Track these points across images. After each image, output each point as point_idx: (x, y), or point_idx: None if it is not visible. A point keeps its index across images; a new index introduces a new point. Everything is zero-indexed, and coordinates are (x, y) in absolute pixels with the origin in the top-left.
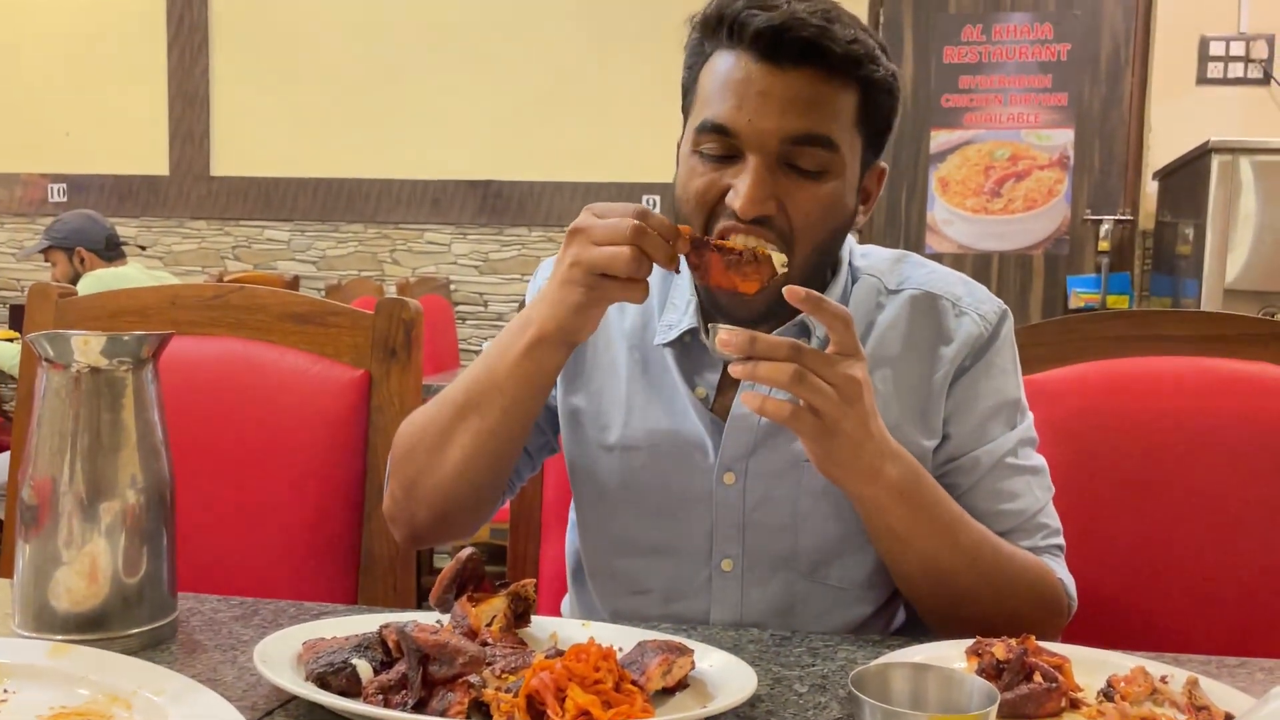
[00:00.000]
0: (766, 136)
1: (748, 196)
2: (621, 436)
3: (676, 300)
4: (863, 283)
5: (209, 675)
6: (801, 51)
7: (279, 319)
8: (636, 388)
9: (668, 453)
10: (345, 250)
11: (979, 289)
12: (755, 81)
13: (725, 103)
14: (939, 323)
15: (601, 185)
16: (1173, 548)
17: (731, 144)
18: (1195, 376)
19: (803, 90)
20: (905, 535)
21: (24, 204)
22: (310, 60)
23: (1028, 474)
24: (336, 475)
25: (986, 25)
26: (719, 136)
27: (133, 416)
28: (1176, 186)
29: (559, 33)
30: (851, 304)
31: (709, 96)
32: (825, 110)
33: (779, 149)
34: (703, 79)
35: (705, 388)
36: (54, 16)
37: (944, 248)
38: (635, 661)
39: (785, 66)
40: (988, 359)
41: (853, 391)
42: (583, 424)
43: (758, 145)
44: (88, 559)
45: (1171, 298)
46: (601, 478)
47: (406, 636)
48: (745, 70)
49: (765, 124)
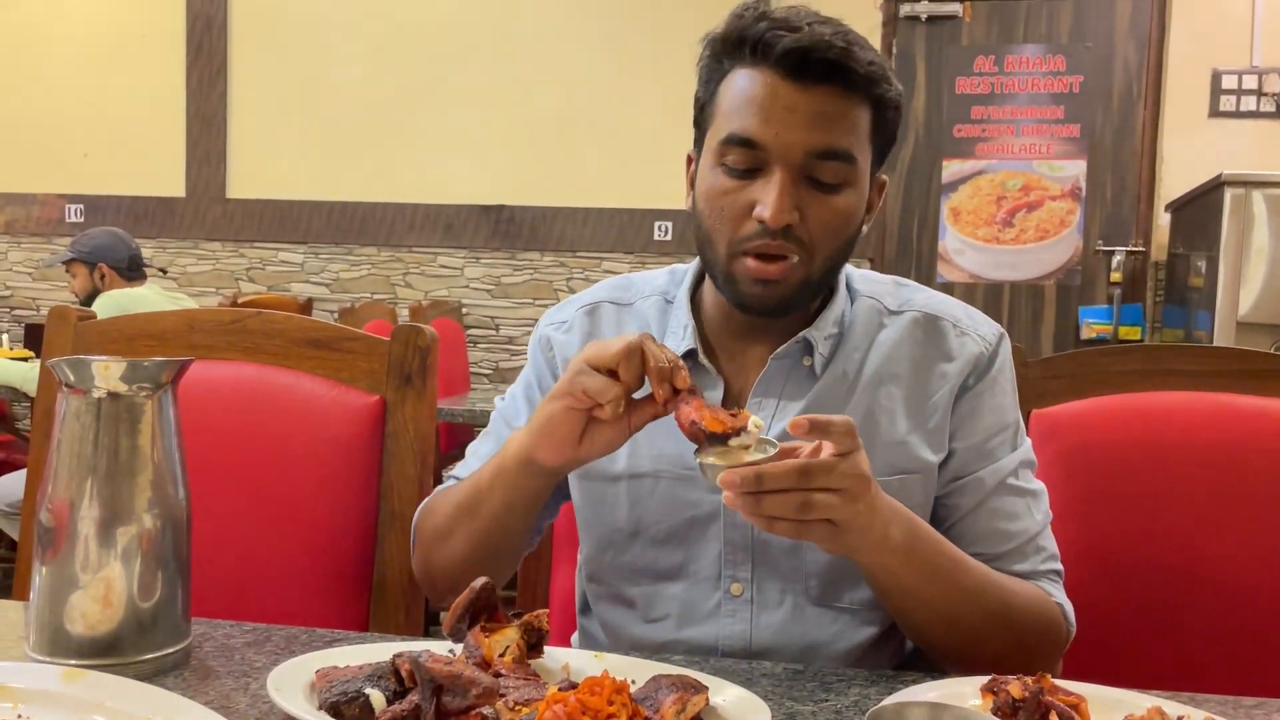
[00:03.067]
0: (792, 149)
1: (776, 206)
2: (628, 465)
3: (674, 328)
4: (863, 303)
5: (222, 702)
6: (825, 71)
7: (295, 344)
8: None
9: (675, 476)
10: (358, 273)
11: (976, 313)
12: (782, 97)
13: (752, 117)
14: (941, 342)
15: (614, 211)
16: (1186, 583)
17: (757, 156)
18: (1209, 411)
19: (826, 106)
20: (913, 589)
21: (41, 224)
22: (326, 85)
23: (1028, 496)
24: (350, 501)
25: (999, 56)
26: (745, 150)
27: (151, 442)
28: (1189, 219)
29: (573, 59)
30: (853, 322)
31: (732, 111)
32: (845, 125)
33: (802, 161)
34: (722, 94)
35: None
36: (74, 39)
37: (955, 277)
38: (649, 698)
39: (809, 84)
40: (990, 378)
41: (860, 487)
42: (594, 467)
43: (783, 157)
44: (103, 583)
45: (1184, 329)
46: (610, 508)
47: (420, 667)
48: (771, 87)
49: (791, 137)
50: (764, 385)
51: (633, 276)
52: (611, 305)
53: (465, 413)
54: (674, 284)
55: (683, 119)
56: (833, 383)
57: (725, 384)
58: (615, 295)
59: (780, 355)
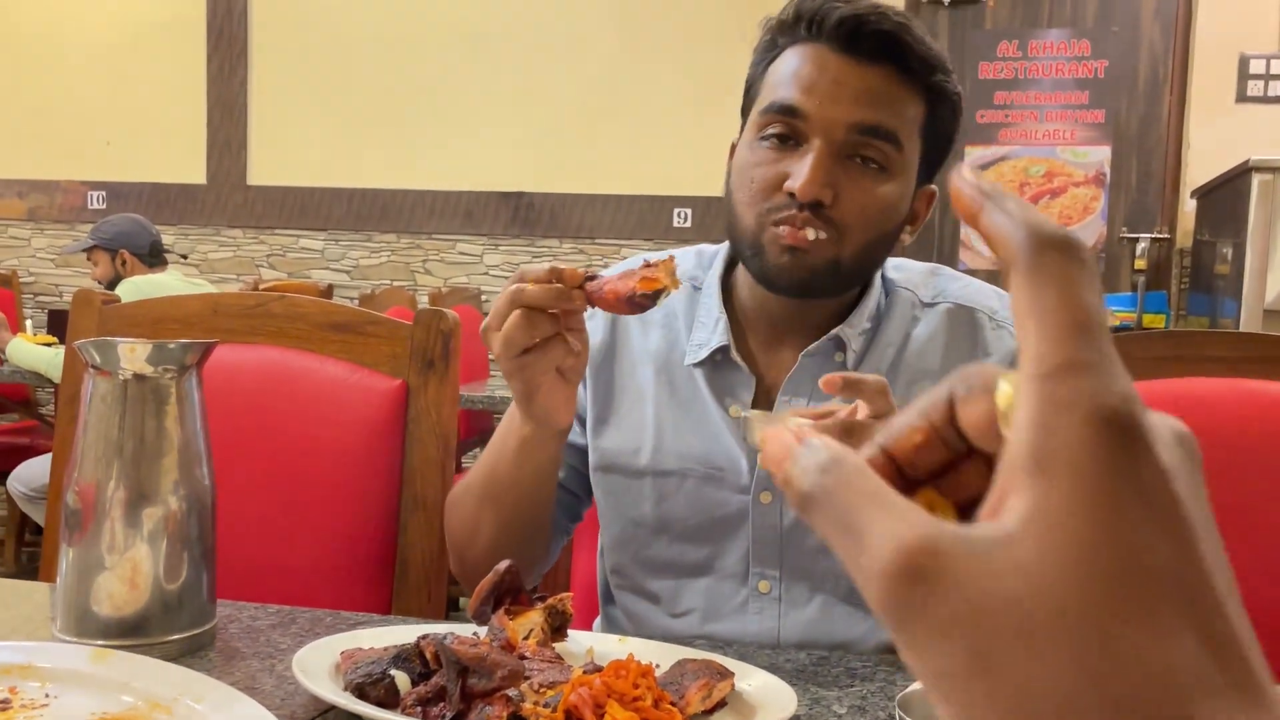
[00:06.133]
0: (834, 123)
1: (809, 178)
2: (652, 461)
3: (704, 319)
4: (897, 295)
5: (248, 683)
6: (880, 46)
7: (318, 328)
8: (665, 410)
9: (702, 475)
10: (378, 260)
11: None
12: (830, 70)
13: (797, 87)
14: (976, 336)
15: (634, 198)
16: None
17: (797, 126)
18: (1237, 398)
19: (876, 84)
20: None
21: (63, 210)
22: (346, 72)
23: None
24: (373, 485)
25: (1023, 41)
26: (785, 119)
27: (176, 424)
28: (1215, 205)
29: (593, 46)
30: (887, 316)
31: (777, 84)
32: (895, 107)
33: (844, 137)
34: (771, 72)
35: (740, 407)
36: (96, 27)
37: (978, 264)
38: (674, 683)
39: (862, 60)
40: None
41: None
42: (614, 458)
43: (824, 130)
44: (129, 564)
45: (1209, 317)
46: (633, 502)
47: (445, 649)
48: (821, 59)
49: (835, 110)
50: (794, 383)
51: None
52: None
53: (484, 399)
54: (702, 267)
55: (703, 105)
56: None
57: (757, 380)
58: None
59: (811, 352)
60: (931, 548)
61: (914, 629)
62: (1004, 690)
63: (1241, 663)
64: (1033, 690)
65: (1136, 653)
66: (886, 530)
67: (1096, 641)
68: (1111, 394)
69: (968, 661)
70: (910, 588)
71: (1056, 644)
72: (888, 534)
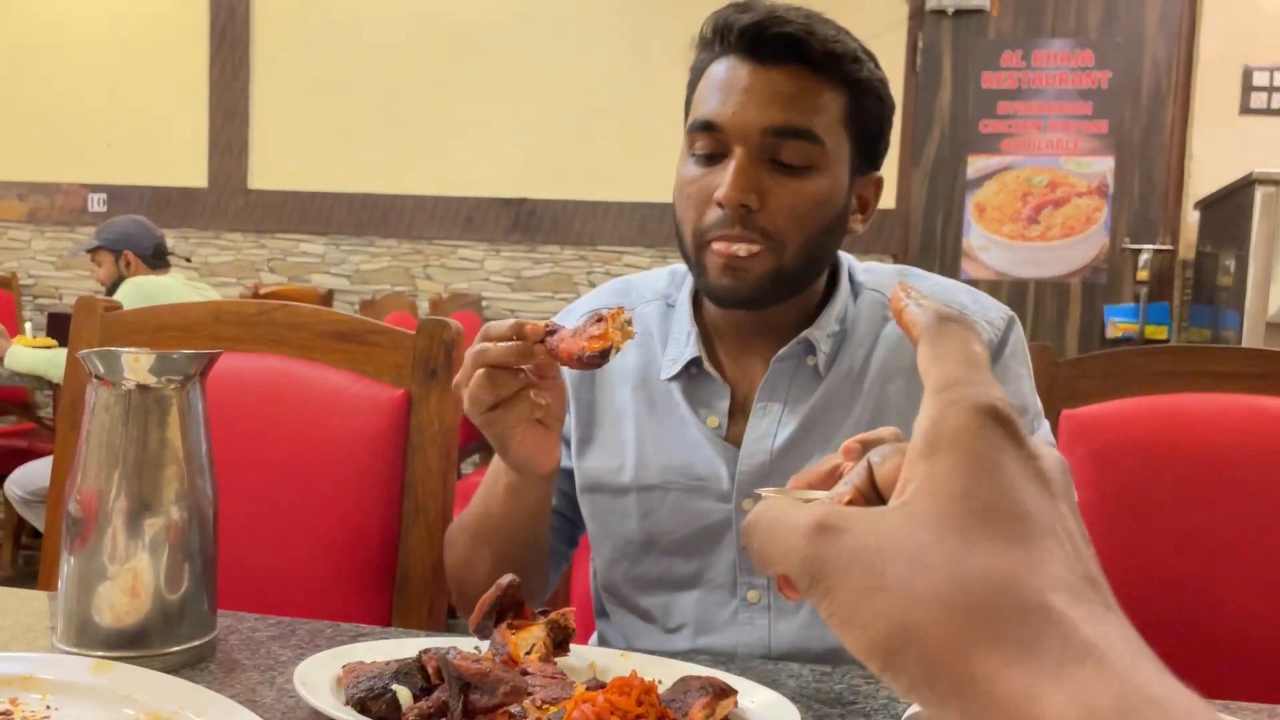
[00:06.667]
0: (749, 129)
1: (731, 184)
2: (635, 477)
3: (677, 334)
4: (866, 297)
5: (248, 696)
6: (785, 48)
7: (321, 337)
8: (646, 426)
9: (684, 487)
10: (379, 265)
11: (985, 298)
12: (740, 79)
13: (713, 101)
14: None
15: (634, 205)
16: (1217, 586)
17: (718, 140)
18: (1242, 414)
19: (785, 85)
20: None
21: (64, 213)
22: (348, 77)
23: None
24: (374, 495)
25: (1026, 51)
26: (707, 134)
27: (179, 434)
28: (1218, 217)
29: (594, 53)
30: (857, 318)
31: (699, 100)
32: (808, 105)
33: (761, 141)
34: (698, 89)
35: (717, 416)
36: (98, 29)
37: (980, 274)
38: (677, 700)
39: (769, 63)
40: (1001, 364)
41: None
42: (600, 478)
43: (741, 137)
44: (131, 574)
45: (1211, 329)
46: (621, 522)
47: (448, 664)
48: (731, 70)
49: (747, 116)
50: (768, 389)
51: (632, 279)
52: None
53: None
54: (675, 285)
55: None
56: (838, 382)
57: (731, 389)
58: (615, 301)
59: (782, 357)
60: (837, 514)
61: (824, 572)
62: (896, 602)
63: (1105, 592)
64: (919, 598)
65: (999, 561)
66: (805, 513)
67: (964, 553)
68: (991, 396)
69: (867, 583)
70: (820, 537)
71: (936, 560)
72: (805, 514)
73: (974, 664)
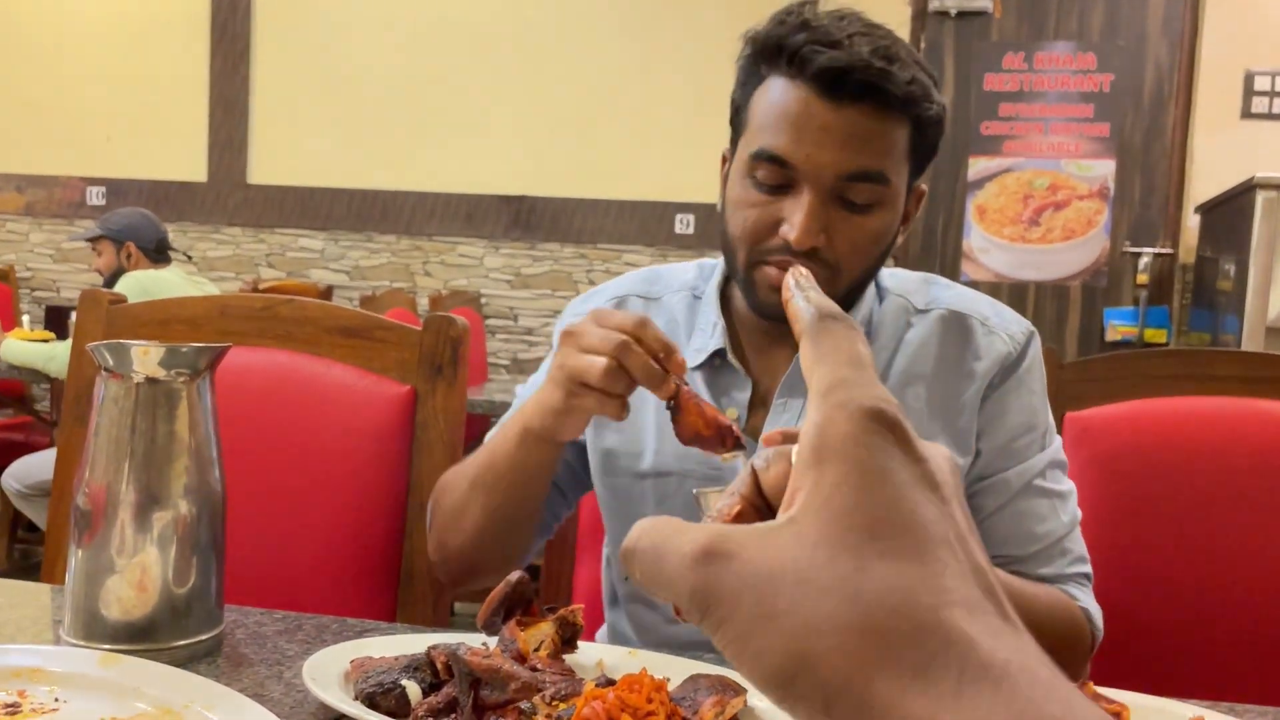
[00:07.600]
0: (823, 171)
1: (803, 228)
2: (654, 464)
3: (703, 325)
4: (890, 301)
5: (256, 690)
6: (862, 90)
7: (327, 332)
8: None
9: (701, 476)
10: (378, 261)
11: (1006, 310)
12: (815, 116)
13: (783, 134)
14: (969, 341)
15: (635, 203)
16: (1220, 588)
17: (787, 174)
18: (1246, 417)
19: (860, 127)
20: None
21: (62, 206)
22: (348, 72)
23: (1055, 498)
24: (380, 490)
25: (1029, 54)
26: (775, 167)
27: (188, 428)
28: (1219, 221)
29: (596, 51)
30: (881, 322)
31: (765, 124)
32: (880, 146)
33: (833, 184)
34: (757, 102)
35: (737, 408)
36: (97, 22)
37: (980, 276)
38: (687, 698)
39: (844, 103)
40: (1018, 377)
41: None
42: (616, 460)
43: (814, 179)
44: (139, 568)
45: (1211, 333)
46: (636, 507)
47: (458, 659)
48: (805, 104)
49: (823, 158)
50: (790, 384)
51: (660, 269)
52: (639, 299)
53: (483, 403)
54: (702, 279)
55: (705, 111)
56: None
57: (753, 383)
58: (643, 289)
59: None
60: (723, 538)
61: (714, 603)
62: (790, 629)
63: (1001, 601)
64: (814, 625)
65: (893, 580)
66: (689, 539)
67: (857, 574)
68: (873, 397)
69: (759, 611)
70: (707, 566)
71: (828, 583)
72: (689, 540)
73: (873, 692)
